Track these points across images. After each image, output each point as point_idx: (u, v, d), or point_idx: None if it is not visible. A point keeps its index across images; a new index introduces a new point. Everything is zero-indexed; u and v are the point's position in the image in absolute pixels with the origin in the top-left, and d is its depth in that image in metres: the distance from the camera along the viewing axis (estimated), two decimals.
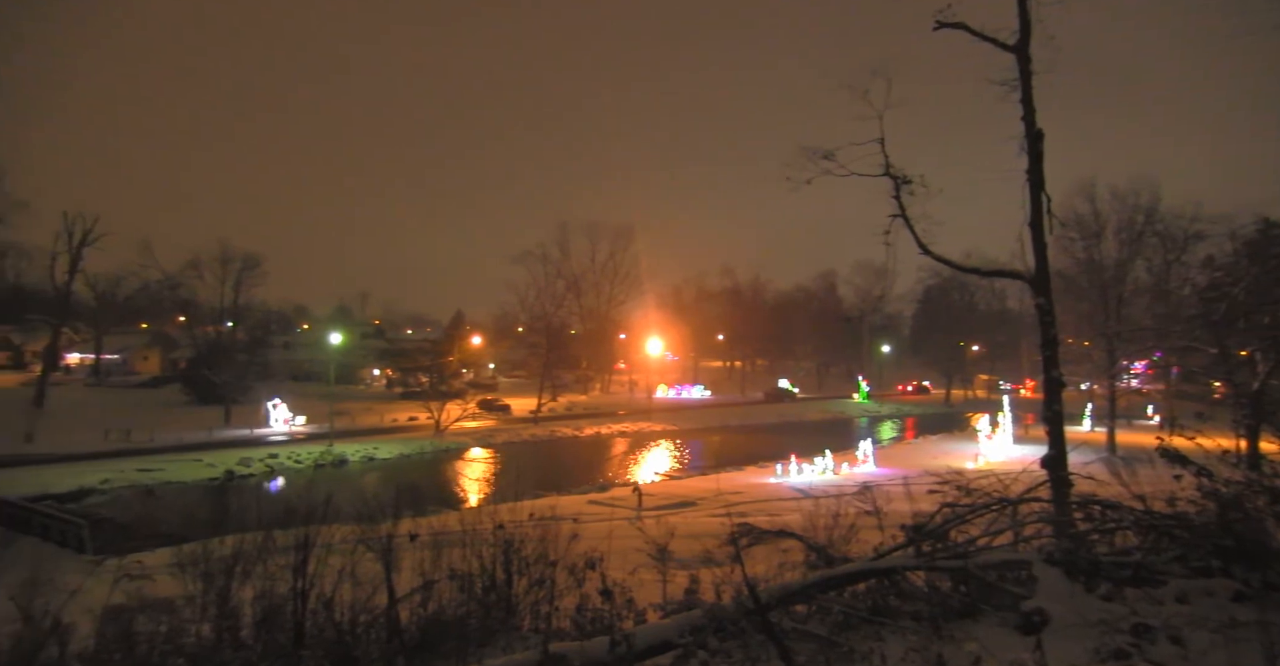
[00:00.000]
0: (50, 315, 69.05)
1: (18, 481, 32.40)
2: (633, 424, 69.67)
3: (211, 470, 41.81)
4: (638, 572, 7.95)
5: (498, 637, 6.70)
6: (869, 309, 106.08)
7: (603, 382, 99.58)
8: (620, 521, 18.04)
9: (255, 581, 7.87)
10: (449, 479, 44.26)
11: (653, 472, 47.69)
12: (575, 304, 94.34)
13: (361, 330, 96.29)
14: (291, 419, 57.59)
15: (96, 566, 15.29)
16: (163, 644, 6.90)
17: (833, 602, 5.49)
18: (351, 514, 9.88)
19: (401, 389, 78.63)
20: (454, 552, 8.41)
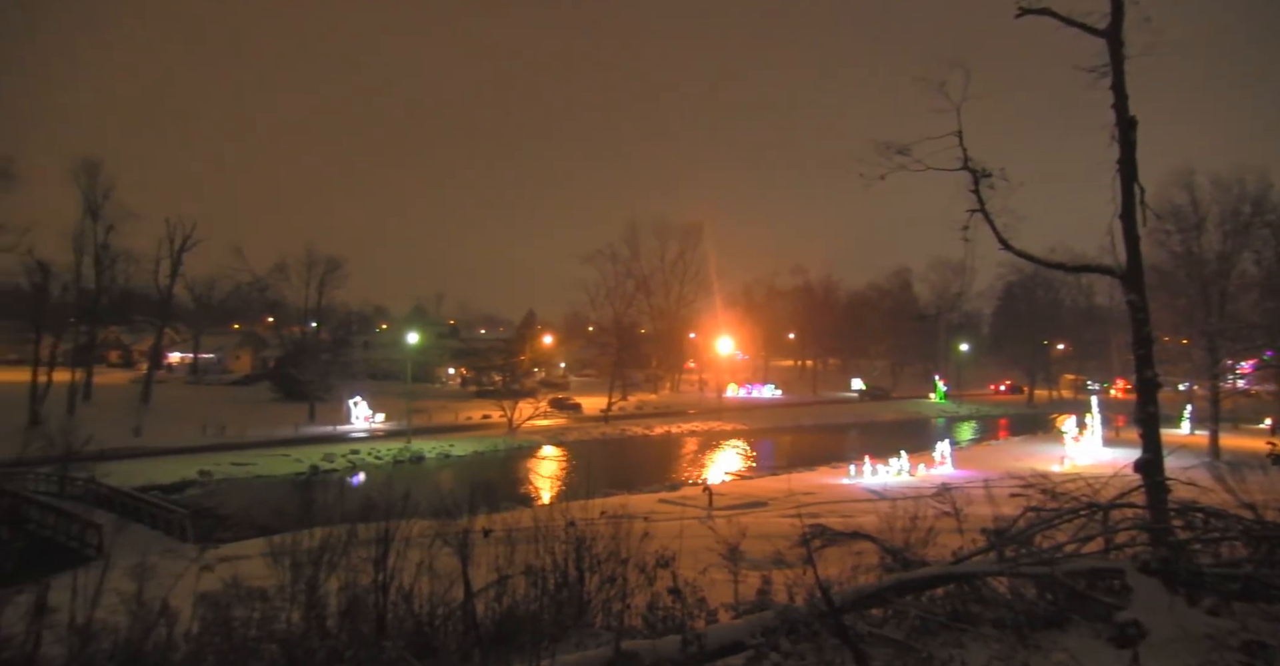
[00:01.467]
0: (154, 316, 73.43)
1: (128, 472, 34.50)
2: (703, 423, 69.42)
3: (298, 465, 43.63)
4: (709, 572, 7.92)
5: (570, 633, 6.78)
6: (946, 306, 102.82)
7: (673, 382, 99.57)
8: (691, 520, 18.02)
9: (340, 573, 8.17)
10: (521, 476, 45.03)
11: (723, 472, 47.43)
12: (645, 303, 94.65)
13: (437, 330, 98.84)
14: (371, 416, 59.57)
15: (197, 554, 16.14)
16: (256, 629, 7.23)
17: (909, 607, 5.35)
18: (429, 509, 10.16)
19: (475, 387, 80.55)
20: (527, 549, 8.56)
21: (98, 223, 62.79)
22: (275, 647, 6.75)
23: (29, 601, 6.67)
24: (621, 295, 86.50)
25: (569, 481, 42.82)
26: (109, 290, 67.54)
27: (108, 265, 64.97)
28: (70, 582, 7.27)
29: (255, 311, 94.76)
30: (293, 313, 79.86)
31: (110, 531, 21.70)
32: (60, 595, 7.01)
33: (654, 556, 7.72)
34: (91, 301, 64.74)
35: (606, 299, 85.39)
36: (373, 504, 10.10)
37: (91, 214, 62.53)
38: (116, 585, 7.50)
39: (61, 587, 7.20)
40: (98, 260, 63.59)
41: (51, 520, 23.86)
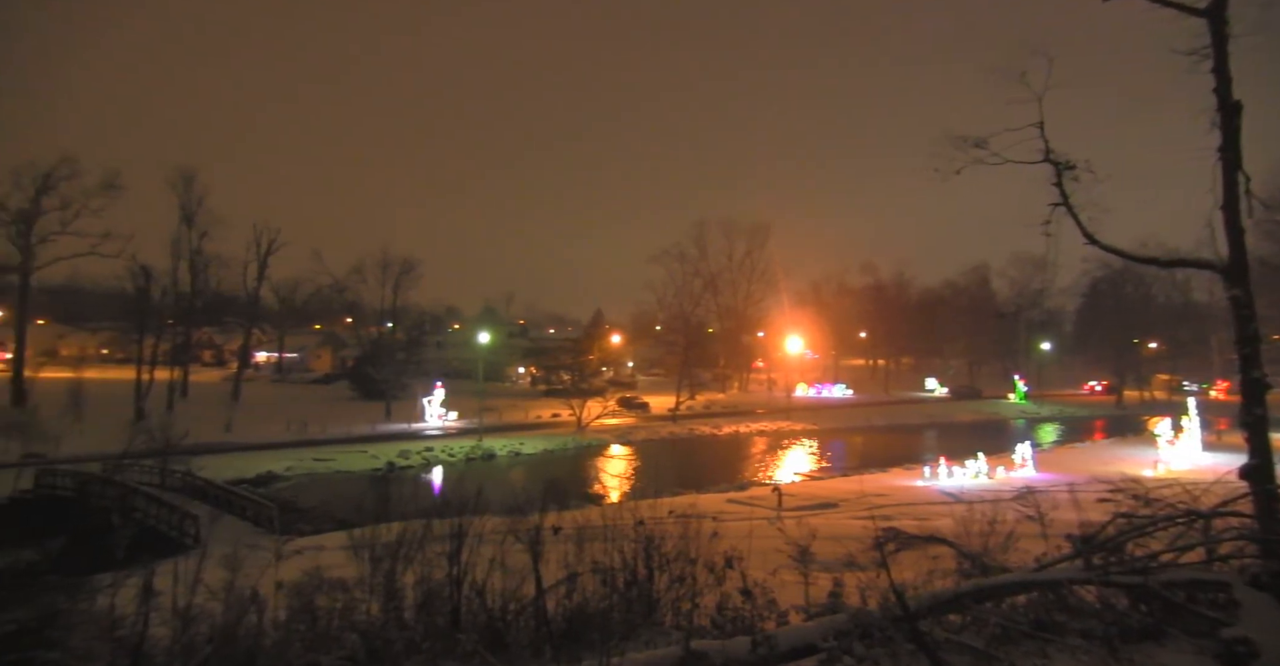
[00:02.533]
0: (243, 318, 77.08)
1: (221, 466, 36.28)
2: (771, 423, 68.68)
3: (375, 461, 45.07)
4: (778, 573, 7.82)
5: (640, 632, 6.81)
6: (1027, 304, 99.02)
7: (741, 381, 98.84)
8: (760, 521, 17.86)
9: (416, 566, 8.41)
10: (590, 474, 45.41)
11: (792, 472, 46.82)
12: (712, 302, 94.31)
13: (507, 330, 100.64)
14: (444, 414, 61.05)
15: (284, 545, 16.86)
16: (338, 619, 7.52)
17: (989, 614, 5.17)
18: (500, 506, 10.36)
19: (545, 386, 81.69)
20: (596, 547, 8.64)
21: (192, 229, 66.38)
22: (356, 638, 6.99)
23: (138, 585, 7.13)
24: (689, 294, 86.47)
25: (637, 480, 42.97)
26: (202, 293, 71.16)
27: (201, 269, 68.55)
28: (172, 569, 7.74)
29: (334, 312, 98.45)
30: (369, 313, 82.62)
31: (206, 522, 22.85)
32: (163, 580, 7.46)
33: (723, 556, 7.68)
34: (187, 304, 68.36)
35: (674, 298, 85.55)
36: (447, 500, 10.37)
37: (187, 221, 66.13)
38: (212, 572, 7.93)
39: (164, 573, 7.67)
40: (192, 265, 67.19)
41: (155, 510, 25.27)
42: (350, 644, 6.85)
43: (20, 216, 58.89)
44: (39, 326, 78.77)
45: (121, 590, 7.65)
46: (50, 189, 59.31)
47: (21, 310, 63.35)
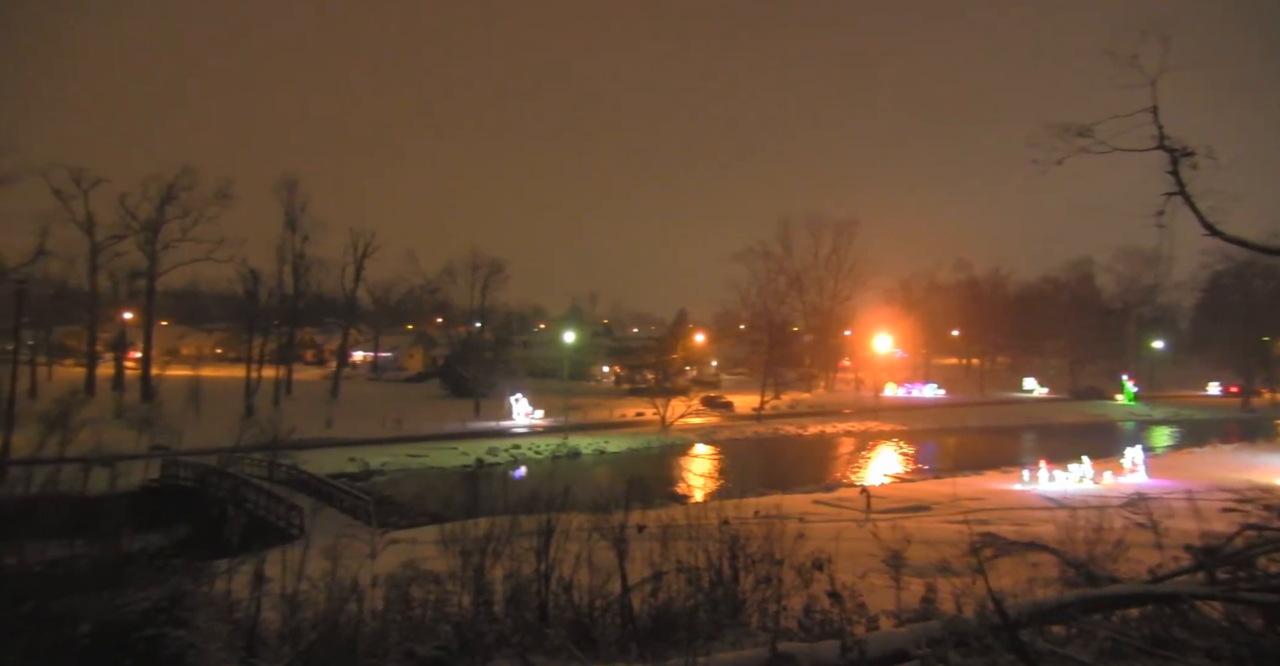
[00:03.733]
0: (341, 318, 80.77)
1: (322, 461, 38.14)
2: (859, 423, 67.10)
3: (465, 458, 46.42)
4: (868, 577, 7.63)
5: (725, 632, 6.76)
6: (1137, 300, 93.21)
7: (827, 380, 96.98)
8: (848, 523, 17.49)
9: (504, 561, 8.61)
10: (674, 473, 45.45)
11: (881, 474, 45.62)
12: (798, 300, 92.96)
13: (592, 329, 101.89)
14: (531, 412, 62.30)
15: (380, 537, 17.57)
16: (432, 610, 7.78)
17: (1098, 627, 4.88)
18: (586, 503, 10.50)
19: (629, 385, 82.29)
20: (680, 546, 8.64)
21: (295, 234, 69.99)
22: (449, 629, 7.21)
23: (250, 571, 7.60)
24: (773, 293, 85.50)
25: (721, 480, 42.75)
26: (304, 295, 74.97)
27: (303, 272, 72.19)
28: (280, 557, 8.19)
29: (426, 312, 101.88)
30: (459, 313, 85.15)
31: (309, 513, 24.04)
32: (273, 568, 7.92)
33: (809, 558, 7.56)
34: (291, 305, 72.16)
35: (758, 297, 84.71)
36: (535, 497, 10.57)
37: (290, 226, 69.80)
38: (315, 562, 8.35)
39: (273, 561, 8.13)
40: (295, 268, 70.85)
41: (264, 501, 26.77)
42: (443, 635, 7.07)
43: (147, 225, 63.56)
44: (163, 328, 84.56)
45: (236, 575, 8.17)
46: (172, 199, 63.86)
47: (149, 313, 68.34)
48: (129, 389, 62.04)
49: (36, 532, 8.71)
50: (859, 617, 6.58)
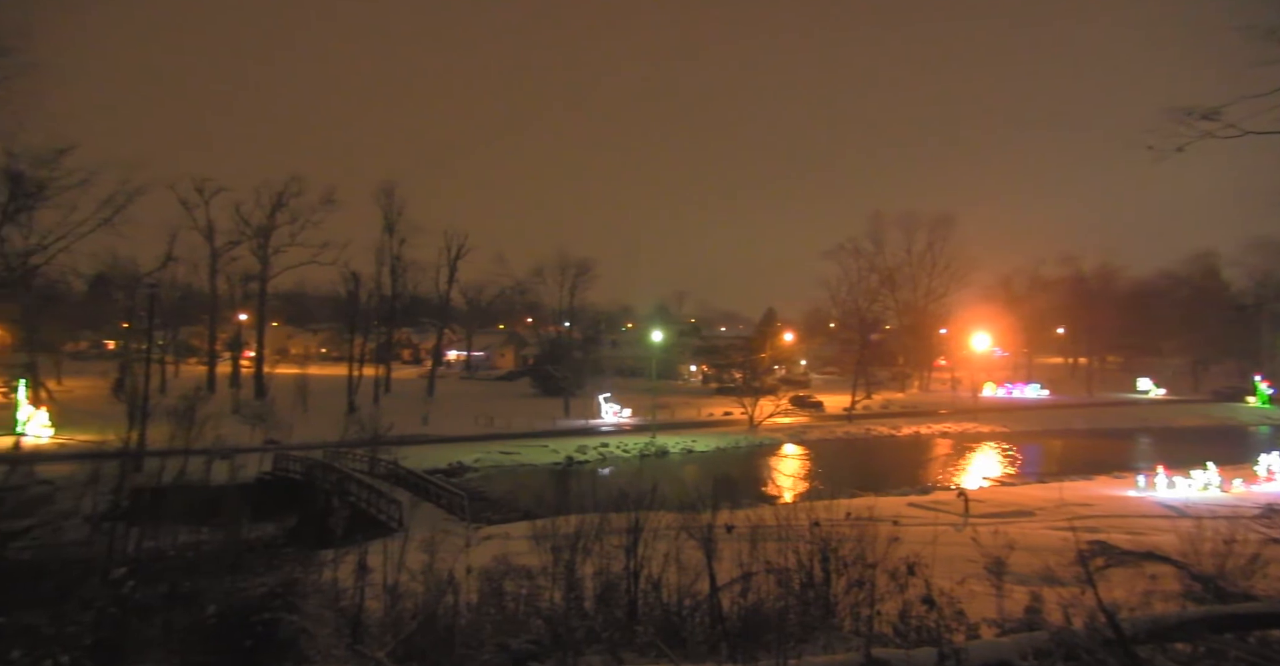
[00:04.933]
0: (435, 318, 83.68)
1: (419, 456, 39.61)
2: (956, 424, 64.67)
3: (555, 455, 47.27)
4: (966, 583, 7.35)
5: (817, 635, 6.66)
6: (1271, 295, 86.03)
7: (922, 380, 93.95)
8: (944, 527, 16.90)
9: (594, 558, 8.74)
10: (762, 473, 45.00)
11: (980, 477, 43.82)
12: (890, 298, 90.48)
13: (679, 328, 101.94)
14: (619, 411, 62.87)
15: (474, 532, 18.14)
16: (524, 605, 7.99)
17: (1228, 647, 4.54)
18: (673, 502, 10.53)
19: (716, 384, 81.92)
20: (769, 546, 8.55)
21: (393, 237, 72.94)
22: (541, 624, 7.38)
23: (354, 562, 8.02)
24: (864, 290, 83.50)
25: (811, 480, 42.04)
26: (401, 296, 78.01)
27: (400, 274, 75.10)
28: (381, 549, 8.59)
29: (517, 312, 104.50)
30: (548, 313, 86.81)
31: (407, 507, 25.01)
32: (374, 559, 8.31)
33: (904, 562, 7.35)
34: (389, 306, 75.27)
35: (848, 294, 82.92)
36: (622, 495, 10.69)
37: (388, 230, 72.78)
38: (413, 554, 8.70)
39: (375, 553, 8.53)
40: (393, 270, 73.80)
41: (365, 495, 28.01)
42: (535, 629, 7.24)
43: (259, 231, 67.65)
44: (273, 328, 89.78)
45: (341, 565, 8.62)
46: (282, 206, 67.88)
47: (261, 314, 72.76)
48: (244, 386, 66.12)
49: (169, 518, 9.47)
50: (958, 625, 6.36)
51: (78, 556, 8.42)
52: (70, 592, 6.64)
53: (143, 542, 8.86)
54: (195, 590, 7.26)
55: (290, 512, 25.09)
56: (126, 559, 8.07)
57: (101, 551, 8.50)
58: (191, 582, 7.54)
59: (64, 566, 7.80)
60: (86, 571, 7.52)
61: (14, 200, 30.35)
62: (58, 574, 7.49)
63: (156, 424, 26.13)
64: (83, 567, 7.75)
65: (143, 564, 8.01)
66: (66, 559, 8.24)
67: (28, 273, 34.68)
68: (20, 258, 31.36)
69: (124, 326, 74.29)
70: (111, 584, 6.81)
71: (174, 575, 7.78)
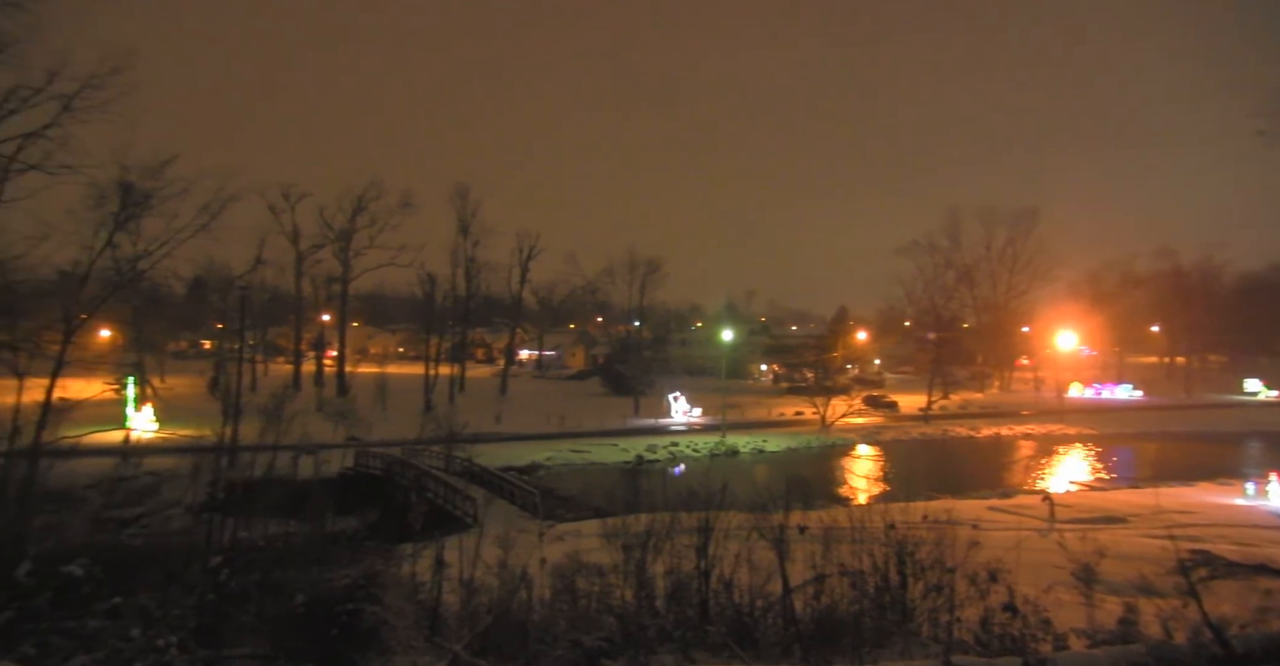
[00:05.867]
0: (508, 318, 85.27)
1: (492, 455, 40.38)
2: (1040, 425, 62.11)
3: (625, 454, 47.50)
4: (1053, 591, 7.06)
5: (894, 640, 6.51)
6: None
7: (1002, 380, 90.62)
8: (1028, 532, 16.25)
9: (665, 557, 8.76)
10: (835, 474, 44.20)
11: (1067, 481, 41.96)
12: (968, 295, 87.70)
13: (749, 327, 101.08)
14: (689, 410, 62.74)
15: (547, 529, 18.38)
16: (596, 602, 8.06)
17: None
18: (744, 502, 10.45)
19: (787, 384, 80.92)
20: (843, 548, 8.40)
21: (467, 238, 74.66)
22: (612, 621, 7.44)
23: (431, 556, 8.26)
24: (940, 288, 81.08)
25: (886, 482, 41.08)
26: (475, 296, 79.74)
27: (474, 275, 76.81)
28: (457, 544, 8.82)
29: (587, 312, 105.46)
30: (618, 312, 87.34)
31: (481, 504, 25.49)
32: (450, 554, 8.53)
33: (985, 567, 7.12)
34: (463, 306, 77.07)
35: (924, 292, 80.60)
36: (692, 494, 10.67)
37: (463, 231, 74.53)
38: (488, 550, 8.89)
39: (451, 548, 8.76)
40: (467, 271, 75.53)
41: (441, 491, 28.72)
42: (607, 626, 7.30)
43: (341, 235, 70.32)
44: (354, 328, 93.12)
45: (420, 559, 8.88)
46: (362, 209, 70.33)
47: (343, 315, 75.58)
48: (327, 384, 68.80)
49: (260, 510, 9.96)
50: (1043, 634, 6.11)
51: (180, 544, 8.95)
52: (175, 578, 7.05)
53: (237, 533, 9.33)
54: (285, 579, 7.60)
55: (371, 507, 25.87)
56: (222, 548, 8.52)
57: (201, 540, 9.01)
58: (281, 572, 7.89)
59: (169, 553, 8.31)
60: (188, 558, 7.98)
61: (124, 209, 32.42)
62: (164, 559, 7.98)
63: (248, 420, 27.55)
64: (185, 555, 8.23)
65: (237, 553, 8.44)
66: (171, 546, 8.77)
67: (135, 277, 37.13)
68: (129, 263, 33.56)
69: (219, 327, 78.41)
70: (210, 571, 7.20)
71: (265, 565, 8.16)
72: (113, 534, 11.79)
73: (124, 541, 9.27)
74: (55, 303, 35.34)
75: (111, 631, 5.77)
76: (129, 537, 9.38)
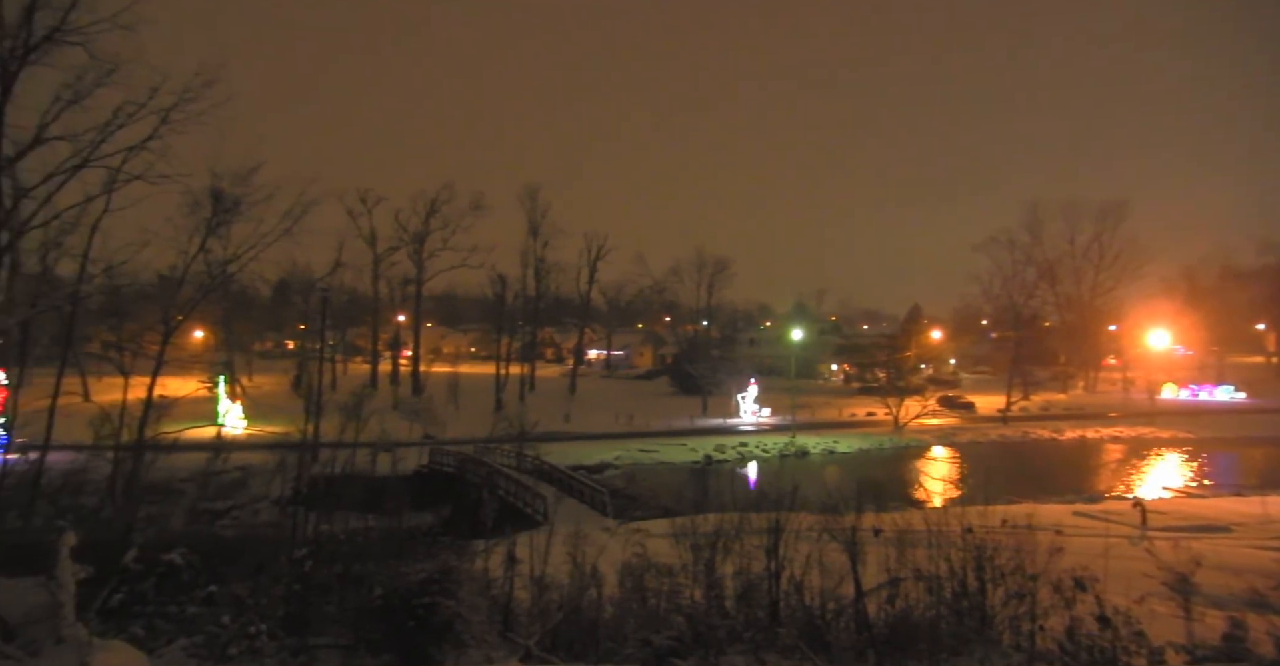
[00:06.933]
0: (576, 318, 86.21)
1: (561, 453, 40.90)
2: (1129, 428, 59.18)
3: (693, 453, 47.39)
4: (1146, 602, 6.71)
5: (972, 647, 6.31)
6: None
7: (1087, 380, 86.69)
8: (1117, 539, 15.47)
9: (734, 557, 8.69)
10: (908, 476, 43.08)
11: (1160, 487, 39.84)
12: (1050, 293, 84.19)
13: (819, 326, 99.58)
14: (758, 410, 62.18)
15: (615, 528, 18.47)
16: (665, 601, 8.07)
17: None
18: (815, 504, 10.29)
19: (859, 384, 79.35)
20: (918, 552, 8.19)
21: (537, 240, 75.80)
22: (682, 620, 7.44)
23: (503, 553, 8.42)
24: (1020, 285, 78.06)
25: (962, 485, 39.81)
26: (544, 296, 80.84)
27: (544, 275, 77.88)
28: (528, 541, 8.96)
29: (654, 312, 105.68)
30: (686, 312, 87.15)
31: (551, 502, 25.86)
32: (521, 550, 8.67)
33: (1070, 575, 6.82)
34: (533, 307, 78.26)
35: (1002, 289, 77.81)
36: (762, 495, 10.57)
37: (533, 233, 75.72)
38: (557, 548, 9.00)
39: (522, 545, 8.90)
40: (536, 272, 76.66)
41: (512, 488, 29.22)
42: (676, 626, 7.30)
43: (415, 237, 72.39)
44: (428, 329, 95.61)
45: (492, 555, 9.05)
46: (435, 212, 72.20)
47: (417, 315, 77.75)
48: (402, 383, 70.88)
49: (341, 505, 10.36)
50: (1137, 648, 5.82)
51: (268, 536, 9.38)
52: (264, 568, 7.40)
53: (319, 526, 9.72)
54: (364, 572, 7.88)
55: (445, 504, 26.49)
56: (306, 540, 8.90)
57: (286, 532, 9.42)
58: (360, 565, 8.18)
59: (258, 544, 8.71)
60: (276, 550, 8.36)
61: (216, 215, 34.24)
62: (253, 550, 8.38)
63: (328, 417, 28.72)
64: (272, 546, 8.63)
65: (320, 546, 8.79)
66: (260, 537, 9.21)
67: (225, 280, 39.14)
68: (220, 266, 35.35)
69: (301, 327, 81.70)
70: (295, 563, 7.53)
71: (346, 558, 8.48)
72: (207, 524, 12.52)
73: (217, 532, 9.79)
74: (155, 305, 37.55)
75: (208, 617, 6.10)
76: (221, 528, 9.91)
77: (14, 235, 22.24)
